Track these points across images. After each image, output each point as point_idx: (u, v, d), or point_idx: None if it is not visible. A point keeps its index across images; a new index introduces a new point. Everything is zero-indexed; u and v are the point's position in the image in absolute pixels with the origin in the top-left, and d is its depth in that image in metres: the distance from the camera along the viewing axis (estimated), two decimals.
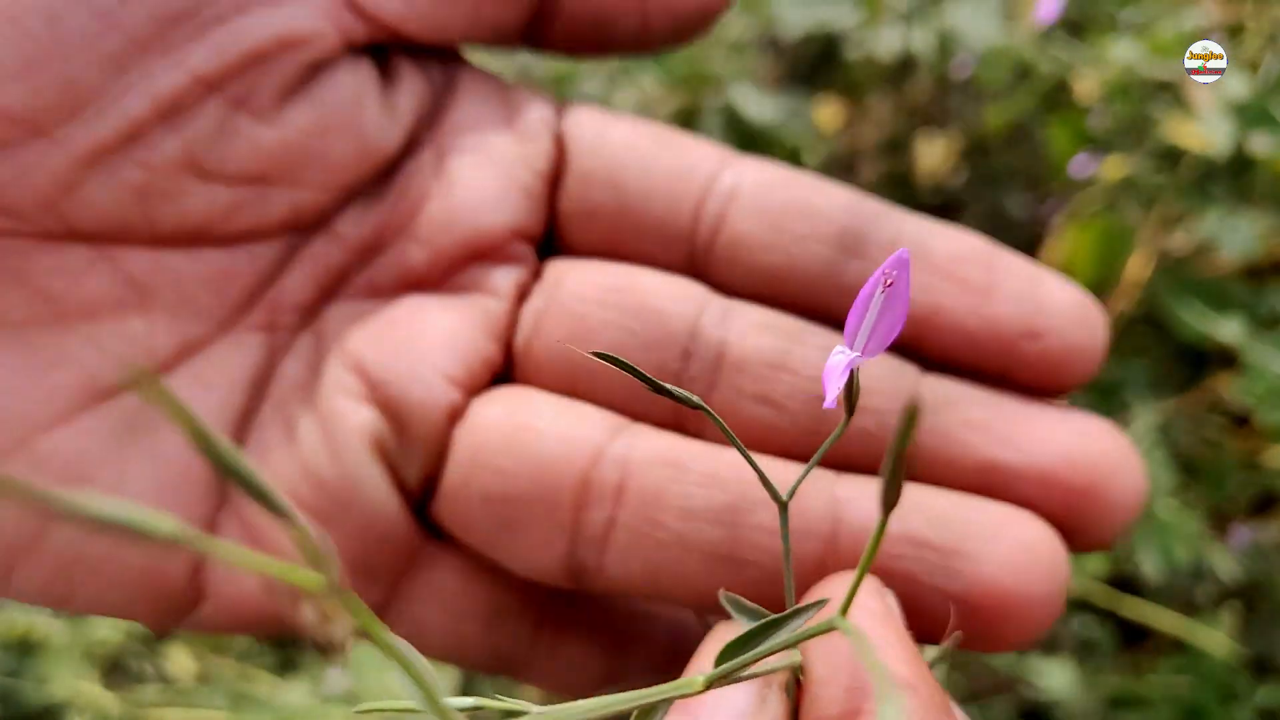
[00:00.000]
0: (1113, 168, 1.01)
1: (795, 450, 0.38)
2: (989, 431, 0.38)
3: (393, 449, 0.40)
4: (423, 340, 0.40)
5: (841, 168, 1.27)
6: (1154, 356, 1.21)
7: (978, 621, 0.35)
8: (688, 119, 1.16)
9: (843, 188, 0.42)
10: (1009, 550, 0.35)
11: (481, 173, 0.42)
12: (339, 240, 0.42)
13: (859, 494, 0.37)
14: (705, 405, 0.32)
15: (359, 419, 0.39)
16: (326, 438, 0.39)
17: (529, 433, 0.39)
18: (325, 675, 0.94)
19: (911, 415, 0.21)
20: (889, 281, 0.31)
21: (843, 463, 0.38)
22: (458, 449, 0.40)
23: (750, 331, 0.40)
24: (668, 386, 0.31)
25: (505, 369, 0.43)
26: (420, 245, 0.42)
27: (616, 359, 0.30)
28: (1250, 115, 0.97)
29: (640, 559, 0.38)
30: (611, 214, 0.42)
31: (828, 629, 0.27)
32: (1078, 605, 1.13)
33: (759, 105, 1.16)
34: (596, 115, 0.44)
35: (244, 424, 0.40)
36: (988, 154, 1.33)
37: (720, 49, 1.21)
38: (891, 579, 0.35)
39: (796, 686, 0.31)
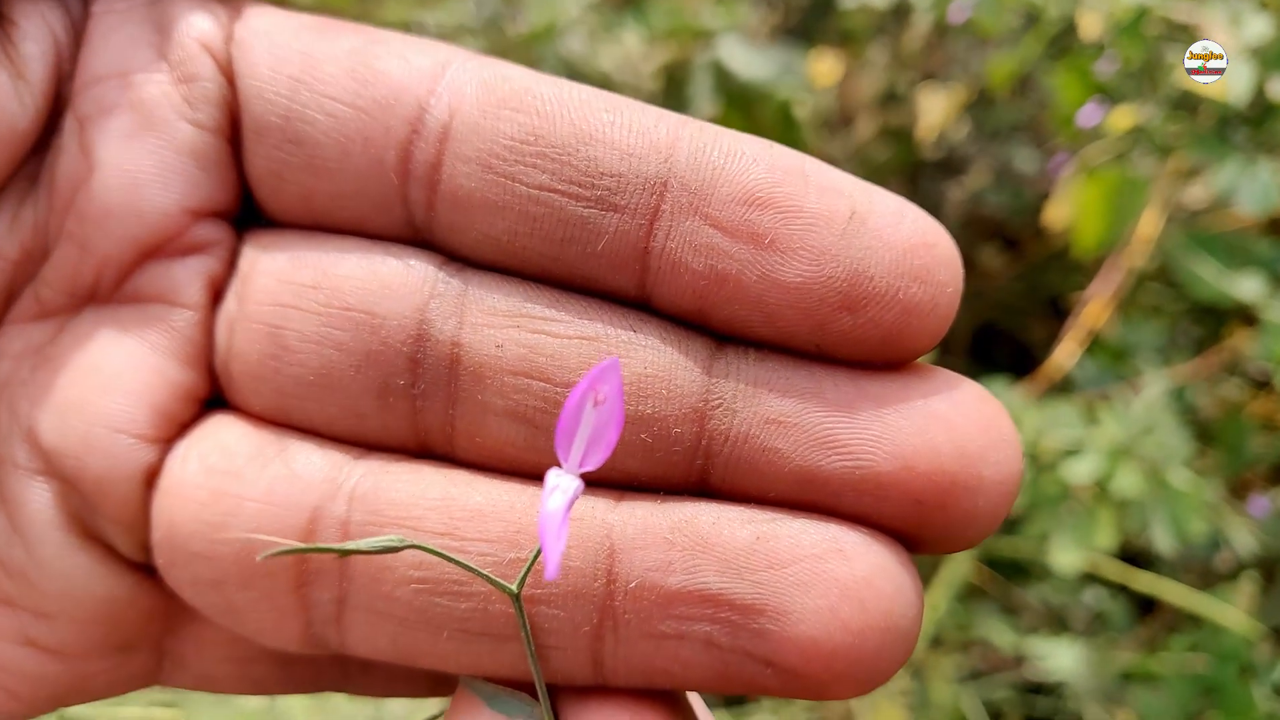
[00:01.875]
0: (1122, 117, 0.96)
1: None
2: (801, 431, 0.29)
3: (92, 523, 0.33)
4: (98, 389, 0.33)
5: (838, 122, 1.22)
6: (1167, 317, 1.16)
7: (798, 683, 0.28)
8: (675, 75, 1.10)
9: (597, 95, 0.32)
10: (825, 598, 0.27)
11: (132, 141, 0.33)
12: None
13: (636, 526, 0.29)
14: (415, 543, 0.28)
15: (41, 499, 0.33)
16: (11, 523, 0.33)
17: (228, 501, 0.31)
18: None
19: None
20: (598, 399, 0.27)
21: (620, 479, 0.31)
22: (157, 523, 0.32)
23: (490, 324, 0.31)
24: (362, 545, 0.28)
25: (213, 388, 0.35)
26: (80, 250, 0.33)
27: (285, 548, 0.27)
28: (1271, 58, 0.91)
29: (385, 638, 0.31)
30: (301, 175, 0.33)
31: None
32: (1088, 579, 1.09)
33: (750, 59, 1.11)
34: (271, 27, 0.34)
35: None
36: (992, 106, 1.27)
37: (709, 0, 1.16)
38: (686, 644, 0.29)
39: None
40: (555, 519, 0.26)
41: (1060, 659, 0.98)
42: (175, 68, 0.34)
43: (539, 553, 0.28)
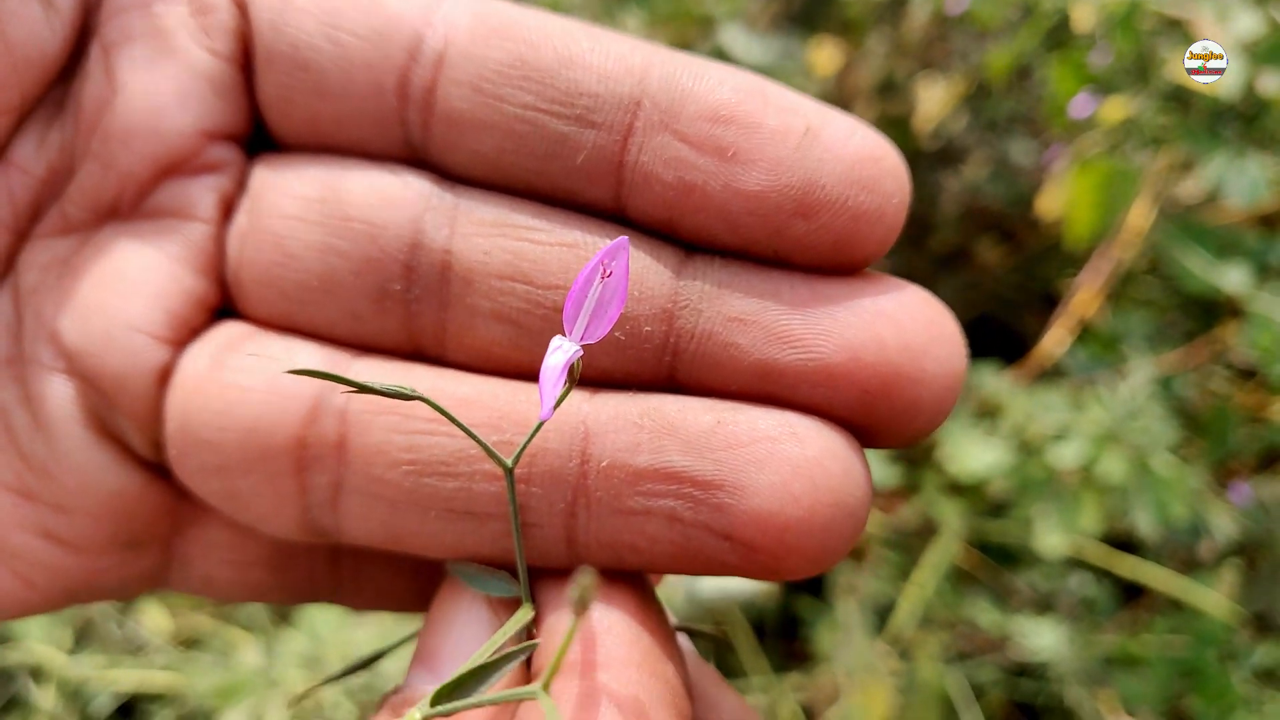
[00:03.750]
0: (1114, 108, 0.97)
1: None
2: (760, 328, 0.31)
3: (109, 419, 0.36)
4: (118, 293, 0.35)
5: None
6: (1156, 307, 1.18)
7: (754, 556, 0.31)
8: None
9: (578, 26, 0.34)
10: (779, 475, 0.30)
11: (153, 67, 0.35)
12: (21, 172, 0.36)
13: (609, 413, 0.32)
14: (420, 395, 0.30)
15: (63, 395, 0.35)
16: (35, 420, 0.36)
17: (234, 392, 0.34)
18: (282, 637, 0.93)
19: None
20: (607, 272, 0.29)
21: (595, 376, 0.33)
22: (169, 416, 0.35)
23: (479, 233, 0.34)
24: (377, 385, 0.29)
25: (225, 299, 0.37)
26: (103, 167, 0.36)
27: (309, 370, 0.29)
28: (1262, 54, 0.92)
29: (377, 520, 0.34)
30: (308, 99, 0.35)
31: (529, 696, 0.27)
32: (1073, 563, 1.10)
33: (750, 47, 1.12)
34: None
35: None
36: (990, 98, 1.28)
37: None
38: (651, 519, 0.31)
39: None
40: (554, 371, 0.29)
41: (1044, 638, 0.99)
42: (192, 0, 0.36)
43: (534, 433, 0.31)
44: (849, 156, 0.31)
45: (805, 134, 0.31)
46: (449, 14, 0.34)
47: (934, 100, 1.23)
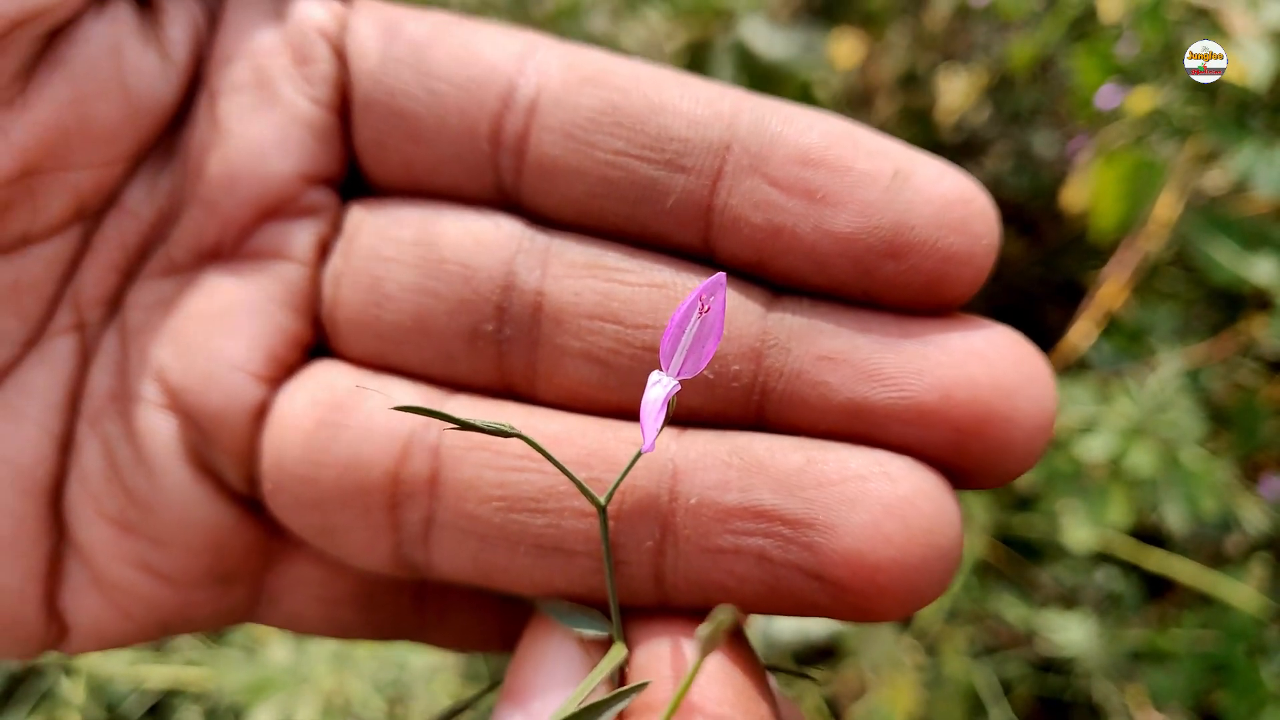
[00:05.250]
0: (1141, 99, 0.96)
1: (632, 406, 0.33)
2: (850, 366, 0.31)
3: (208, 455, 0.37)
4: (218, 333, 0.36)
5: (858, 103, 1.23)
6: (1183, 300, 1.17)
7: (844, 597, 0.30)
8: (697, 55, 1.11)
9: (667, 73, 0.35)
10: (870, 514, 0.29)
11: (257, 114, 0.37)
12: (132, 216, 0.38)
13: (698, 451, 0.32)
14: (518, 432, 0.30)
15: (165, 431, 0.36)
16: (137, 455, 0.36)
17: (331, 430, 0.35)
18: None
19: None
20: (705, 308, 0.30)
21: (683, 415, 0.33)
22: (266, 452, 0.36)
23: (569, 275, 0.34)
24: (476, 422, 0.30)
25: (318, 338, 0.38)
26: (207, 211, 0.37)
27: (411, 407, 0.30)
28: None
29: (467, 555, 0.34)
30: (403, 144, 0.36)
31: None
32: (1100, 558, 1.10)
33: (772, 40, 1.11)
34: (381, 17, 0.38)
35: (64, 451, 0.37)
36: (1013, 89, 1.27)
37: None
38: (740, 558, 0.31)
39: None
40: (654, 405, 0.30)
41: (1071, 633, 0.99)
42: (295, 50, 0.37)
43: (630, 467, 0.31)
44: (938, 199, 0.31)
45: (895, 177, 0.31)
46: (542, 63, 0.35)
47: (956, 92, 1.23)
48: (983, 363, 0.31)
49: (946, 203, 0.31)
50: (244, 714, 0.92)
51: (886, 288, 0.32)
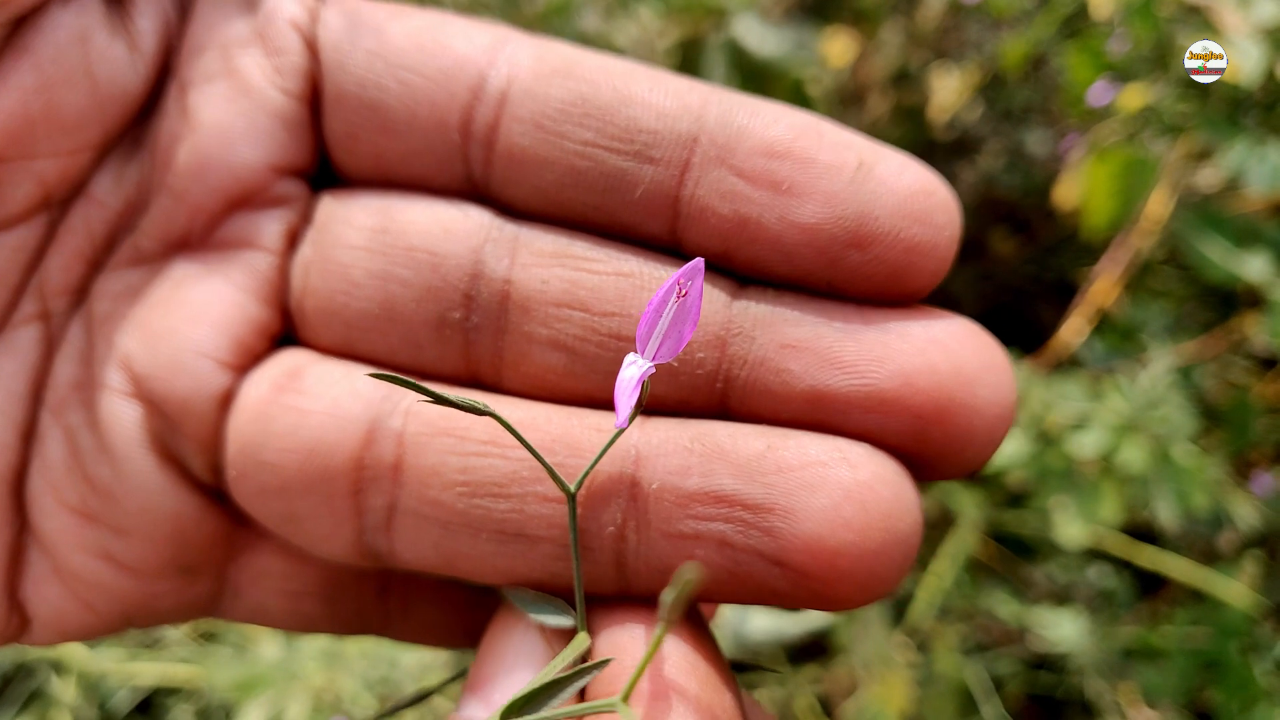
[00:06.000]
0: (1133, 97, 0.96)
1: (598, 394, 0.34)
2: (812, 354, 0.32)
3: (172, 443, 0.37)
4: (185, 321, 0.36)
5: (850, 101, 1.23)
6: (1175, 297, 1.17)
7: (805, 583, 0.30)
8: (689, 53, 1.11)
9: (636, 66, 0.35)
10: (830, 499, 0.30)
11: (227, 104, 0.37)
12: (100, 206, 0.38)
13: (660, 437, 0.32)
14: (491, 411, 0.31)
15: (129, 419, 0.36)
16: (101, 443, 0.36)
17: (294, 415, 0.35)
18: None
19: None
20: (682, 292, 0.30)
21: (648, 403, 0.34)
22: (230, 439, 0.36)
23: (537, 263, 0.34)
24: (450, 397, 0.30)
25: (287, 328, 0.38)
26: (176, 200, 0.37)
27: (388, 375, 0.30)
28: None
29: (429, 542, 0.34)
30: (373, 136, 0.37)
31: (608, 709, 0.27)
32: (1092, 554, 1.10)
33: (764, 37, 1.11)
34: (352, 9, 0.38)
35: (26, 440, 0.37)
36: (1005, 87, 1.27)
37: None
38: (702, 543, 0.31)
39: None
40: (629, 384, 0.30)
41: (1063, 630, 0.99)
42: (267, 42, 0.37)
43: (605, 449, 0.31)
44: (902, 190, 0.32)
45: (859, 168, 0.32)
46: (512, 55, 0.35)
47: (948, 90, 1.23)
48: (943, 351, 0.31)
49: (909, 194, 0.32)
50: (234, 711, 0.91)
51: (851, 278, 0.32)
